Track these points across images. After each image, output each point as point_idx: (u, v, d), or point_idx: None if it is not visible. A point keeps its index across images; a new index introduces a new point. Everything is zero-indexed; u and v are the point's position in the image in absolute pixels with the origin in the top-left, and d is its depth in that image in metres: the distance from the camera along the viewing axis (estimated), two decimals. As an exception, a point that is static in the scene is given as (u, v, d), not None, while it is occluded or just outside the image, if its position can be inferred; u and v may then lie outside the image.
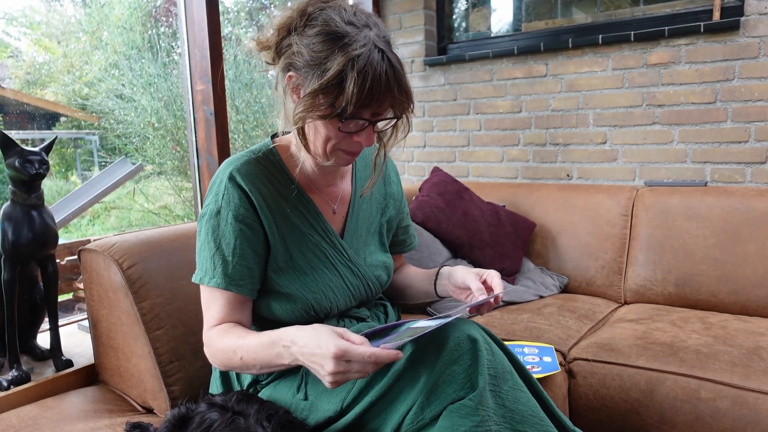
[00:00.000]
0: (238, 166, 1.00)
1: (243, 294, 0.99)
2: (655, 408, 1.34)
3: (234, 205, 0.98)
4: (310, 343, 0.82)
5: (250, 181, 0.99)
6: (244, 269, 0.98)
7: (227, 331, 0.97)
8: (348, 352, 0.77)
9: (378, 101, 0.89)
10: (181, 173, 4.99)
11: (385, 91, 0.89)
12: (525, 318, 1.71)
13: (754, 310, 1.72)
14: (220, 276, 0.97)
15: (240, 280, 0.98)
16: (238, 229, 0.98)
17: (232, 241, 0.98)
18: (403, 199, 1.26)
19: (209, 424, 0.88)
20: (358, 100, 0.87)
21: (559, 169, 2.36)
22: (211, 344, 0.99)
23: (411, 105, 0.95)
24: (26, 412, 1.21)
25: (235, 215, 0.98)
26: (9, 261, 1.28)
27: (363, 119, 0.92)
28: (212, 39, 1.87)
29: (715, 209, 1.83)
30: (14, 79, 5.27)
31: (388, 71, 0.88)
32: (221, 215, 0.98)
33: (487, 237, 2.02)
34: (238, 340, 0.94)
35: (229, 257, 0.98)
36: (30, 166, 1.26)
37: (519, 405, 0.84)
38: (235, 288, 0.98)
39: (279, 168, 1.04)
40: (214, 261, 0.98)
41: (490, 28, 2.63)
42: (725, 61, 1.97)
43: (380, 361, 0.78)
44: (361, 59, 0.86)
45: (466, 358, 0.83)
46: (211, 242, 0.99)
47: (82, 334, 1.63)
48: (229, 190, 0.99)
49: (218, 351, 0.97)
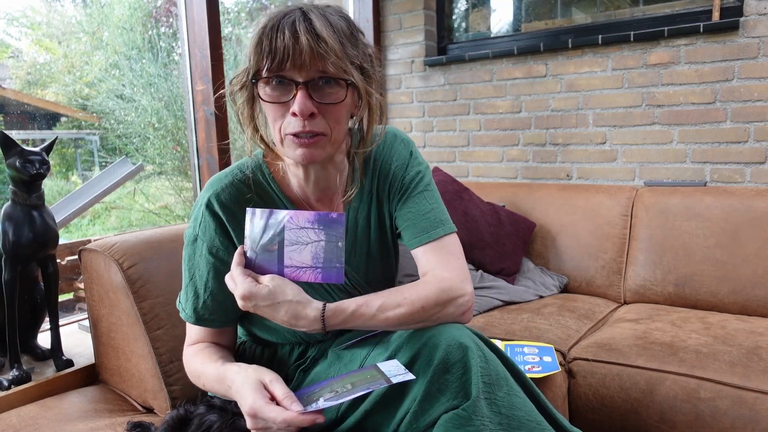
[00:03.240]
0: (218, 191, 0.94)
1: (212, 327, 0.99)
2: (655, 408, 1.34)
3: (209, 236, 0.95)
4: (238, 391, 0.82)
5: (228, 210, 0.94)
6: (216, 303, 0.97)
7: (197, 353, 0.98)
8: (258, 413, 0.77)
9: (288, 55, 0.81)
10: (181, 173, 5.00)
11: (292, 42, 0.80)
12: (525, 318, 1.71)
13: (753, 310, 1.72)
14: (190, 310, 0.98)
15: (210, 314, 0.97)
16: (211, 262, 0.95)
17: (205, 274, 0.96)
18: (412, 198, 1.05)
19: (209, 425, 0.87)
20: (259, 53, 0.82)
21: (559, 169, 2.36)
22: (185, 362, 1.01)
23: (347, 63, 0.83)
24: (27, 411, 1.21)
25: (209, 247, 0.95)
26: (10, 261, 1.28)
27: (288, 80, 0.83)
28: (212, 39, 1.87)
29: (715, 209, 1.83)
30: (15, 79, 5.27)
31: (297, 21, 0.81)
32: (197, 244, 0.96)
33: (487, 237, 2.02)
34: (201, 366, 0.95)
35: (200, 290, 0.96)
36: (30, 166, 1.26)
37: (515, 411, 0.82)
38: (203, 323, 0.98)
39: (268, 187, 0.98)
40: (187, 292, 0.98)
41: (489, 29, 2.63)
42: (725, 62, 1.97)
43: (295, 425, 0.75)
44: (269, 20, 0.83)
45: (458, 367, 0.81)
46: (186, 270, 0.98)
47: (82, 333, 1.63)
48: (206, 218, 0.95)
49: (188, 370, 0.99)
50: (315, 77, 0.84)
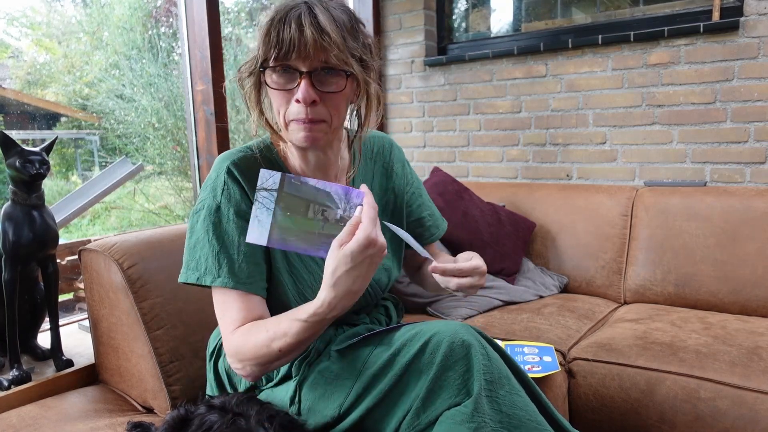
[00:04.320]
0: (236, 161, 0.98)
1: (253, 292, 0.94)
2: (655, 408, 1.34)
3: (235, 201, 0.95)
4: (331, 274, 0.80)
5: (247, 177, 0.97)
6: (252, 266, 0.94)
7: (252, 327, 0.90)
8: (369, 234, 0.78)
9: (294, 46, 0.86)
10: (181, 173, 5.00)
11: (297, 34, 0.86)
12: (525, 318, 1.71)
13: (753, 310, 1.72)
14: (226, 275, 0.93)
15: (248, 278, 0.94)
16: (241, 226, 0.94)
17: (236, 238, 0.94)
18: (414, 190, 1.19)
19: (209, 425, 0.87)
20: (267, 44, 0.88)
21: (559, 169, 2.36)
22: (238, 347, 0.90)
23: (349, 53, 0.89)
24: (27, 411, 1.21)
25: (237, 211, 0.95)
26: (10, 261, 1.28)
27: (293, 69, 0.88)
28: (212, 39, 1.87)
29: (715, 209, 1.83)
30: (15, 79, 5.27)
31: (303, 15, 0.87)
32: (222, 211, 0.95)
33: (487, 237, 2.02)
34: (271, 327, 0.87)
35: (234, 255, 0.93)
36: (30, 166, 1.26)
37: (516, 410, 0.83)
38: (243, 287, 0.93)
39: (275, 164, 1.02)
40: (218, 259, 0.93)
41: (489, 29, 2.63)
42: (725, 62, 1.97)
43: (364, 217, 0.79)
44: (276, 13, 0.88)
45: (461, 364, 0.82)
46: (213, 240, 0.94)
47: (82, 333, 1.63)
48: (229, 185, 0.96)
49: (250, 352, 0.88)
50: (318, 67, 0.89)
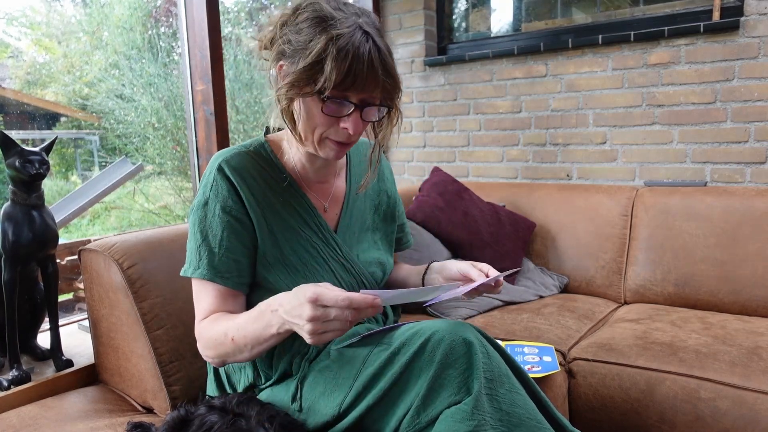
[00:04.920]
0: (228, 158, 1.00)
1: (229, 287, 0.98)
2: (655, 408, 1.34)
3: (222, 196, 0.98)
4: (291, 298, 0.83)
5: (239, 174, 0.99)
6: (230, 261, 0.98)
7: (217, 319, 0.96)
8: (321, 296, 0.78)
9: (360, 82, 0.88)
10: (181, 173, 5.00)
11: (367, 73, 0.88)
12: (525, 318, 1.71)
13: (753, 310, 1.72)
14: (205, 267, 0.97)
15: (226, 272, 0.97)
16: (225, 221, 0.98)
17: (219, 232, 0.98)
18: (398, 197, 1.26)
19: (210, 426, 0.87)
20: (338, 77, 0.87)
21: (559, 169, 2.36)
22: (202, 335, 0.98)
23: (398, 92, 0.94)
24: (26, 411, 1.21)
25: (223, 207, 0.98)
26: (9, 261, 1.28)
27: (347, 101, 0.91)
28: (212, 39, 1.87)
29: (715, 209, 1.83)
30: (15, 79, 5.27)
31: (371, 52, 0.88)
32: (209, 206, 0.99)
33: (487, 237, 2.02)
34: (228, 322, 0.93)
35: (215, 248, 0.97)
36: (30, 166, 1.26)
37: (516, 408, 0.83)
38: (220, 280, 0.97)
39: (270, 162, 1.04)
40: (200, 252, 0.98)
41: (490, 29, 2.63)
42: (725, 62, 1.97)
43: (356, 305, 0.78)
44: (343, 38, 0.87)
45: (462, 362, 0.83)
46: (197, 233, 0.99)
47: (82, 334, 1.63)
48: (218, 181, 0.99)
49: (209, 340, 0.96)
50: (370, 103, 0.93)
